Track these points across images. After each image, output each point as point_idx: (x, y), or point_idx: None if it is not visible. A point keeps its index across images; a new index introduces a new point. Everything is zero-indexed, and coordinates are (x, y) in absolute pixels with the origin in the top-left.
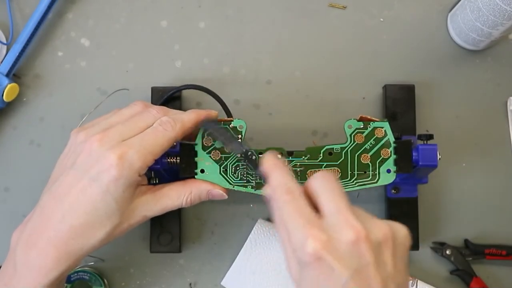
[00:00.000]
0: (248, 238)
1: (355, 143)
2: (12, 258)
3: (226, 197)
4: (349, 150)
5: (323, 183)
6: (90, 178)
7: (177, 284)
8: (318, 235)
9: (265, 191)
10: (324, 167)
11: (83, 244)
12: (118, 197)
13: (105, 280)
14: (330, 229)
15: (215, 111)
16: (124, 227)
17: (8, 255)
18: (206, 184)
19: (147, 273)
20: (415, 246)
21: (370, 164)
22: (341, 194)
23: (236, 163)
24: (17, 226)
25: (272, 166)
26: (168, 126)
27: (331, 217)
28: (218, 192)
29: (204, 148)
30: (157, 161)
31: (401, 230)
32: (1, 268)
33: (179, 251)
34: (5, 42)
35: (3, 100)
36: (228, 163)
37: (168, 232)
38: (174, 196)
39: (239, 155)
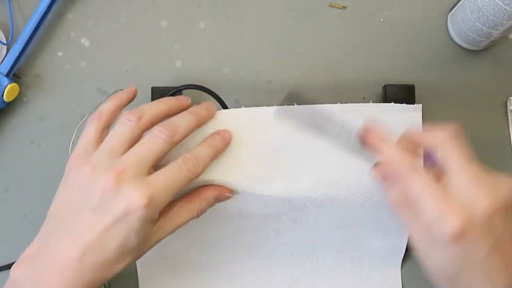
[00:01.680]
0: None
1: None
2: None
3: (232, 196)
4: None
5: (451, 147)
6: (114, 219)
7: None
8: (458, 211)
9: (378, 170)
10: None
11: (101, 278)
12: (141, 234)
13: None
14: (465, 201)
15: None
16: (141, 254)
17: None
18: (212, 191)
19: None
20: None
21: None
22: (470, 159)
23: None
24: (17, 226)
25: (381, 140)
26: (191, 166)
27: (463, 188)
28: (225, 196)
29: None
30: None
31: None
32: None
33: None
34: (5, 42)
35: (3, 100)
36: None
37: None
38: (185, 213)
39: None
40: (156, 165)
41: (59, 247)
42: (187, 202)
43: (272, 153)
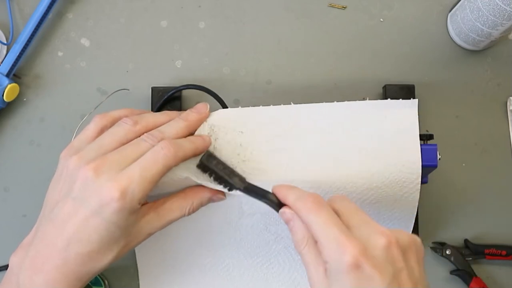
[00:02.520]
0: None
1: None
2: (15, 281)
3: (226, 198)
4: None
5: (343, 203)
6: (91, 210)
7: None
8: (355, 243)
9: (285, 212)
10: None
11: (91, 268)
12: (122, 225)
13: (105, 281)
14: (362, 238)
15: (205, 105)
16: (131, 246)
17: (7, 277)
18: (206, 191)
19: None
20: None
21: None
22: (362, 210)
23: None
24: (17, 226)
25: (287, 188)
26: (168, 151)
27: (360, 228)
28: (218, 197)
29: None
30: None
31: (417, 238)
32: None
33: None
34: (5, 42)
35: (3, 100)
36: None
37: None
38: (177, 209)
39: (241, 190)
40: None
41: (47, 236)
42: (180, 199)
43: (269, 152)
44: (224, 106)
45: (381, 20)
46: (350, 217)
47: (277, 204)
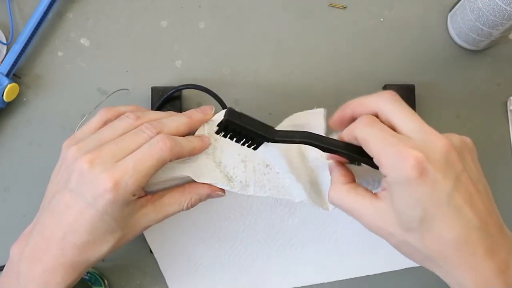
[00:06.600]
0: None
1: None
2: (15, 270)
3: (225, 195)
4: None
5: (394, 105)
6: (86, 202)
7: None
8: (415, 149)
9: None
10: None
11: (88, 259)
12: (117, 216)
13: (105, 280)
14: (421, 142)
15: (210, 108)
16: (128, 237)
17: (8, 266)
18: (205, 187)
19: (147, 273)
20: None
21: None
22: (413, 111)
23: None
24: (17, 226)
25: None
26: (164, 145)
27: (416, 134)
28: (217, 194)
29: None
30: None
31: (467, 139)
32: (1, 278)
33: None
34: (5, 42)
35: (3, 100)
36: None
37: None
38: (175, 204)
39: (274, 140)
40: None
41: (46, 226)
42: (178, 193)
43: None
44: (224, 106)
45: (381, 20)
46: (405, 122)
47: (318, 146)
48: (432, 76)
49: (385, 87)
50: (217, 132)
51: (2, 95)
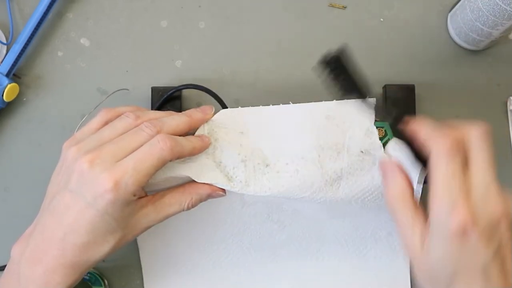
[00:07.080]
0: None
1: None
2: (16, 271)
3: (225, 195)
4: None
5: (481, 143)
6: (86, 202)
7: None
8: (469, 208)
9: (385, 162)
10: None
11: (88, 259)
12: (118, 216)
13: (105, 280)
14: (479, 202)
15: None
16: (128, 238)
17: (8, 267)
18: (206, 187)
19: None
20: None
21: None
22: (493, 162)
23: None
24: (17, 226)
25: (432, 131)
26: (164, 145)
27: (480, 189)
28: (218, 194)
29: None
30: None
31: None
32: (2, 279)
33: None
34: (5, 42)
35: (3, 100)
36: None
37: None
38: (175, 204)
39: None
40: None
41: (46, 227)
42: (179, 194)
43: (270, 151)
44: (224, 106)
45: (381, 20)
46: (479, 170)
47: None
48: (432, 76)
49: (385, 87)
50: (320, 63)
51: (2, 95)
